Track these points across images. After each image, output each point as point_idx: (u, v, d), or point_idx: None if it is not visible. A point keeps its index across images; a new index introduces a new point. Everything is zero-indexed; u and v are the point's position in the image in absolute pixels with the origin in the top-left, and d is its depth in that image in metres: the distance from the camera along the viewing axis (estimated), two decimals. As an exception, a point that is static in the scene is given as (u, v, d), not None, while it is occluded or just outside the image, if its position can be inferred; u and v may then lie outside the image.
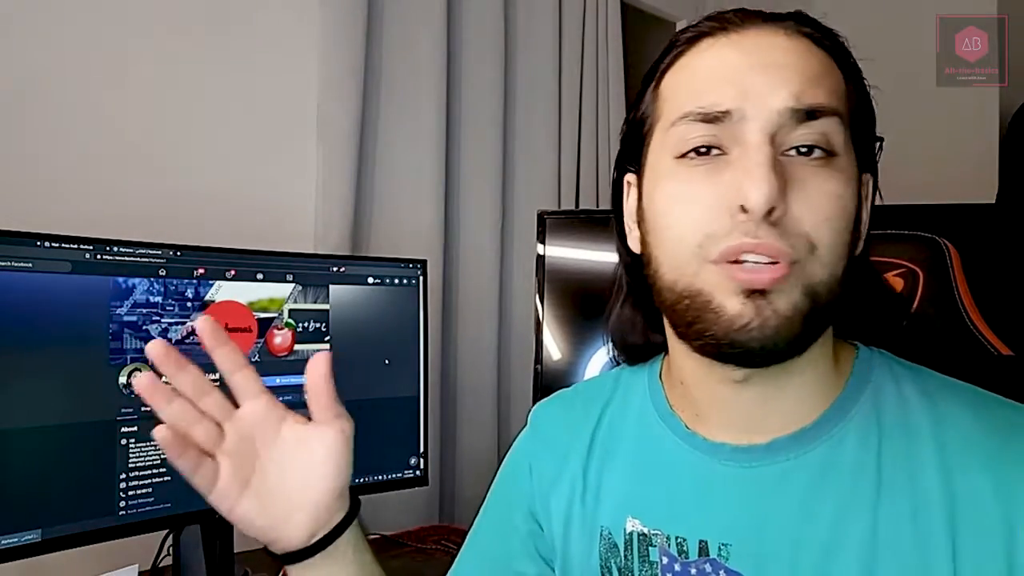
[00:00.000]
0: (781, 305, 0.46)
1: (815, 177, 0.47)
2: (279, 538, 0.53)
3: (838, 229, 0.47)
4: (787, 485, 0.51)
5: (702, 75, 0.50)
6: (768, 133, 0.47)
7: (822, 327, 0.50)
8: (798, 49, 0.49)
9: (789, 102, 0.47)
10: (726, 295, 0.47)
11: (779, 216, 0.45)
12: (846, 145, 0.49)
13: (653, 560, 0.55)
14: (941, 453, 0.48)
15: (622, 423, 0.62)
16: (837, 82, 0.50)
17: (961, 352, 1.03)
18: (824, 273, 0.47)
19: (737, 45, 0.49)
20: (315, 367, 0.53)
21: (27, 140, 1.13)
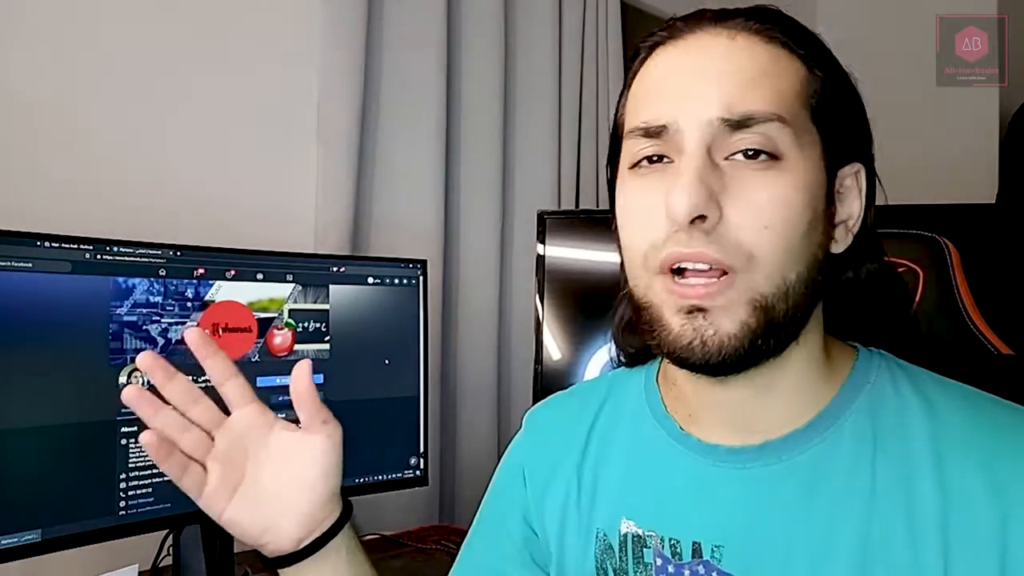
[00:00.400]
0: (724, 324, 0.46)
1: (756, 182, 0.46)
2: (269, 542, 0.53)
3: (780, 235, 0.46)
4: (780, 487, 0.50)
5: (647, 87, 0.51)
6: (703, 143, 0.47)
7: (783, 337, 0.49)
8: (740, 50, 0.48)
9: (719, 111, 0.46)
10: (671, 312, 0.48)
11: (712, 224, 0.46)
12: (796, 145, 0.47)
13: (647, 562, 0.55)
14: (936, 455, 0.48)
15: (617, 425, 0.62)
16: (786, 79, 0.48)
17: (961, 352, 1.03)
18: (769, 285, 0.46)
19: (682, 51, 0.50)
20: (299, 376, 0.54)
21: (27, 140, 1.13)
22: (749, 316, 0.46)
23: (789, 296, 0.47)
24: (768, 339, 0.47)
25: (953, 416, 0.49)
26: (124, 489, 0.92)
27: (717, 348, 0.46)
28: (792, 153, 0.47)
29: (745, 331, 0.46)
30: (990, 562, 0.44)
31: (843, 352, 0.55)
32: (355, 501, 1.42)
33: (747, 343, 0.46)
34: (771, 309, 0.46)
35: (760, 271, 0.46)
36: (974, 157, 1.95)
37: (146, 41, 1.24)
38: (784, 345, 0.49)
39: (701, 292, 0.46)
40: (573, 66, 1.86)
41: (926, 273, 1.05)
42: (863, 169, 0.53)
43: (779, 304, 0.47)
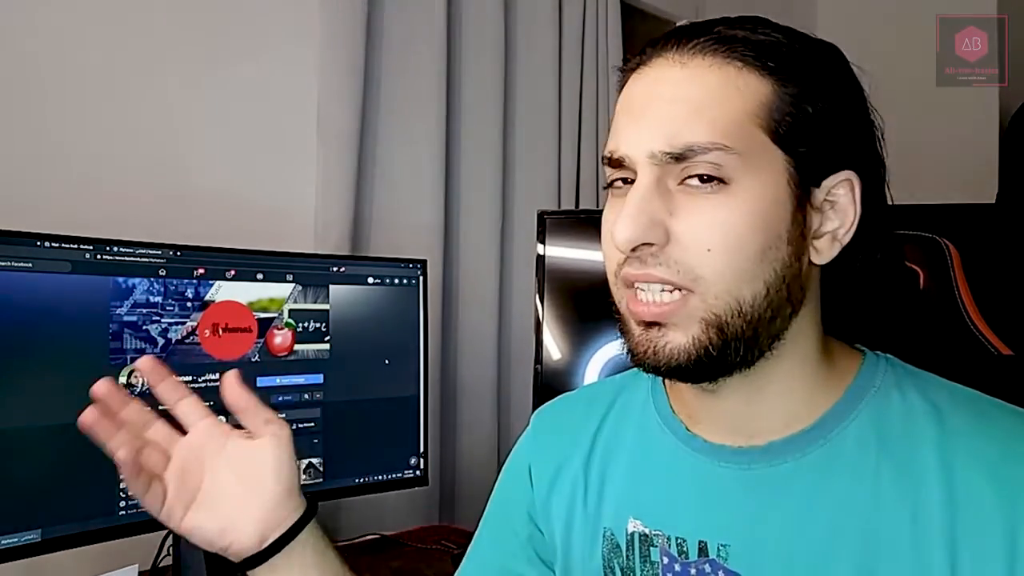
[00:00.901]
0: (676, 337, 0.49)
1: (701, 206, 0.48)
2: (231, 543, 0.55)
3: (725, 257, 0.47)
4: (785, 487, 0.51)
5: (616, 116, 0.54)
6: (651, 173, 0.49)
7: (747, 351, 0.49)
8: (689, 78, 0.49)
9: (661, 145, 0.48)
10: (633, 324, 0.52)
11: (659, 247, 0.48)
12: (745, 169, 0.47)
13: (654, 560, 0.55)
14: (944, 461, 0.48)
15: (624, 425, 0.62)
16: (737, 103, 0.48)
17: (961, 352, 1.03)
18: (720, 303, 0.48)
19: (643, 80, 0.52)
20: (227, 386, 0.57)
21: (27, 140, 1.13)
22: (701, 333, 0.49)
23: (744, 313, 0.48)
24: (724, 354, 0.49)
25: (960, 422, 0.49)
26: (124, 489, 0.92)
27: (666, 359, 0.49)
28: (740, 177, 0.48)
29: (696, 345, 0.49)
30: (998, 567, 0.44)
31: (848, 356, 0.55)
32: (355, 501, 1.42)
33: (697, 356, 0.49)
34: (725, 326, 0.48)
35: (709, 291, 0.48)
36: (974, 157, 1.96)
37: (146, 41, 1.24)
38: (749, 357, 0.50)
39: (655, 311, 0.49)
40: (573, 66, 1.86)
41: (926, 273, 1.05)
42: (856, 177, 0.51)
43: (733, 321, 0.48)
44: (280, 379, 1.06)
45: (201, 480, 0.55)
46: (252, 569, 0.56)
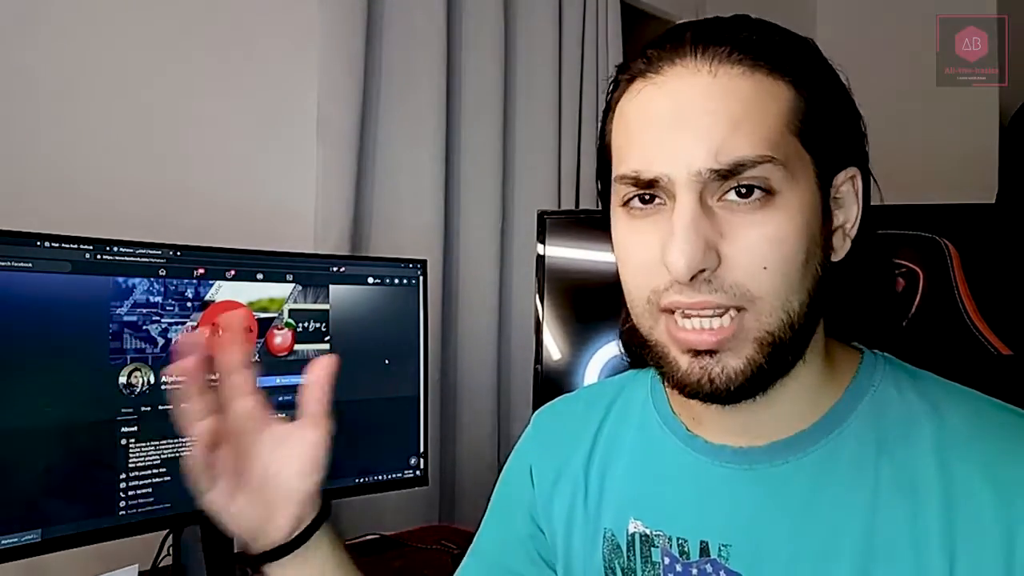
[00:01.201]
0: (731, 361, 0.47)
1: (751, 222, 0.46)
2: (263, 535, 0.54)
3: (780, 273, 0.46)
4: (786, 487, 0.51)
5: (633, 130, 0.50)
6: (694, 192, 0.46)
7: (788, 363, 0.49)
8: (722, 88, 0.47)
9: (708, 162, 0.46)
10: (676, 354, 0.49)
11: (711, 272, 0.46)
12: (788, 177, 0.47)
13: (655, 561, 0.55)
14: (941, 460, 0.48)
15: (624, 426, 0.62)
16: (773, 111, 0.47)
17: (961, 352, 1.03)
18: (772, 320, 0.47)
19: (663, 92, 0.48)
20: (320, 367, 0.55)
21: (27, 140, 1.13)
22: (756, 353, 0.47)
23: (794, 325, 0.48)
24: (774, 368, 0.48)
25: (958, 421, 0.49)
26: (124, 489, 0.92)
27: (725, 385, 0.47)
28: (784, 187, 0.47)
29: (751, 366, 0.47)
30: (996, 565, 0.44)
31: (847, 356, 0.55)
32: (355, 501, 1.42)
33: (752, 376, 0.48)
34: (777, 343, 0.47)
35: (763, 310, 0.47)
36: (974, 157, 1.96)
37: (145, 42, 1.24)
38: (790, 367, 0.50)
39: (710, 339, 0.47)
40: (573, 66, 1.86)
41: (926, 274, 1.05)
42: (858, 172, 0.52)
43: (784, 335, 0.47)
44: (280, 379, 1.06)
45: (246, 463, 0.54)
46: (271, 562, 0.54)
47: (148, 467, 0.94)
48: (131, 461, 0.93)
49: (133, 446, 0.93)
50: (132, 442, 0.93)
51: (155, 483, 0.94)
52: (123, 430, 0.92)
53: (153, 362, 0.95)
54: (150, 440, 0.94)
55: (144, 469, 0.94)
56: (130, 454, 0.93)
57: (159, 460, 0.95)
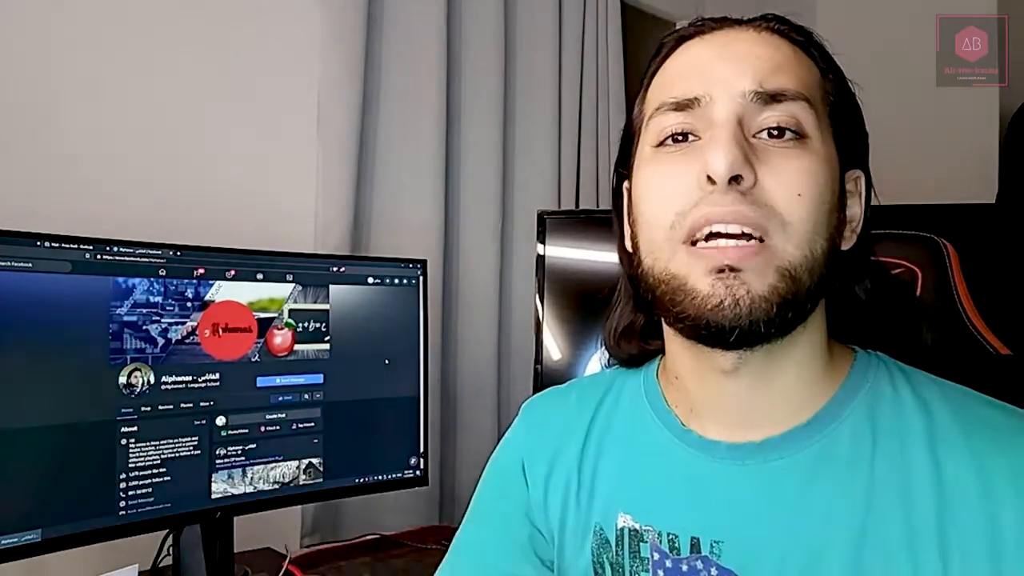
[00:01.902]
0: (755, 284, 0.46)
1: (786, 156, 0.48)
2: None
3: (811, 205, 0.48)
4: (779, 483, 0.51)
5: (675, 71, 0.53)
6: (734, 113, 0.49)
7: (803, 312, 0.49)
8: (765, 42, 0.51)
9: (753, 85, 0.49)
10: (698, 276, 0.48)
11: (748, 187, 0.47)
12: (819, 129, 0.50)
13: (644, 556, 0.55)
14: (932, 456, 0.48)
15: (616, 419, 0.62)
16: (807, 72, 0.51)
17: (960, 352, 1.03)
18: (798, 254, 0.47)
19: (708, 43, 0.53)
20: None
21: (27, 140, 1.13)
22: (779, 281, 0.47)
23: (814, 269, 0.48)
24: (791, 309, 0.48)
25: (947, 417, 0.49)
26: (124, 489, 0.92)
27: (748, 308, 0.46)
28: (815, 135, 0.49)
29: (774, 295, 0.47)
30: (983, 558, 0.45)
31: (842, 353, 0.55)
32: (355, 501, 1.43)
33: (775, 308, 0.47)
34: (798, 280, 0.47)
35: (791, 239, 0.47)
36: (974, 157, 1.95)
37: (145, 41, 1.24)
38: (800, 319, 0.50)
39: (735, 254, 0.46)
40: (573, 66, 1.86)
41: (925, 273, 1.05)
42: (863, 176, 0.55)
43: (804, 276, 0.48)
44: (280, 379, 1.06)
45: None
46: None
47: (148, 467, 0.94)
48: (131, 461, 0.93)
49: (133, 446, 0.93)
50: (132, 442, 0.93)
51: (155, 483, 0.94)
52: (123, 430, 0.92)
53: (153, 362, 0.95)
54: (150, 440, 0.94)
55: (144, 469, 0.94)
56: (130, 454, 0.93)
57: (159, 460, 0.95)
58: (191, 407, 0.98)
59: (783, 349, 0.51)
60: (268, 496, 1.05)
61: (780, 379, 0.52)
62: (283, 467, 1.06)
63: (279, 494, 1.06)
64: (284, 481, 1.06)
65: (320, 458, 1.09)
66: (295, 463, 1.07)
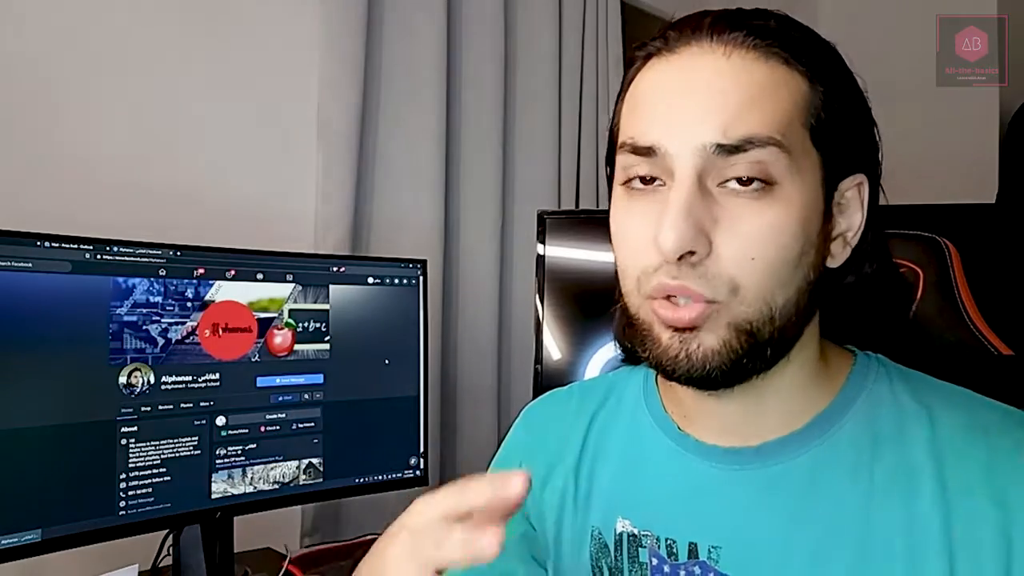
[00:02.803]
0: (708, 340, 0.47)
1: (747, 212, 0.46)
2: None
3: (767, 265, 0.46)
4: (777, 489, 0.50)
5: (637, 102, 0.50)
6: (693, 169, 0.46)
7: (772, 357, 0.49)
8: (734, 69, 0.46)
9: (714, 136, 0.45)
10: (660, 329, 0.49)
11: (700, 258, 0.45)
12: (790, 170, 0.46)
13: (643, 561, 0.55)
14: (937, 463, 0.47)
15: (615, 423, 0.62)
16: (783, 98, 0.46)
17: (961, 352, 1.03)
18: (751, 312, 0.46)
19: (674, 67, 0.48)
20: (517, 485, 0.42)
21: (27, 140, 1.13)
22: (732, 338, 0.47)
23: (776, 319, 0.47)
24: (753, 359, 0.48)
25: (952, 423, 0.49)
26: (124, 489, 0.92)
27: (701, 362, 0.47)
28: (786, 179, 0.46)
29: (728, 349, 0.47)
30: (996, 566, 0.44)
31: (840, 356, 0.55)
32: (355, 501, 1.42)
33: (730, 361, 0.47)
34: (756, 333, 0.47)
35: (743, 300, 0.46)
36: (974, 157, 1.95)
37: (145, 41, 1.24)
38: (772, 363, 0.49)
39: (686, 315, 0.47)
40: (573, 66, 1.86)
41: (926, 273, 1.04)
42: (866, 179, 0.52)
43: (764, 328, 0.47)
44: (280, 379, 1.06)
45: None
46: None
47: (148, 467, 0.94)
48: (131, 461, 0.93)
49: (133, 446, 0.93)
50: (132, 442, 0.93)
51: (155, 483, 0.94)
52: (123, 430, 0.92)
53: (153, 362, 0.95)
54: (150, 440, 0.94)
55: (144, 469, 0.94)
56: (130, 454, 0.93)
57: (159, 460, 0.95)
58: (191, 407, 0.98)
59: (767, 376, 0.50)
60: (268, 496, 1.05)
61: (769, 397, 0.51)
62: (283, 467, 1.06)
63: (279, 494, 1.06)
64: (284, 481, 1.06)
65: (320, 458, 1.09)
66: (295, 463, 1.07)
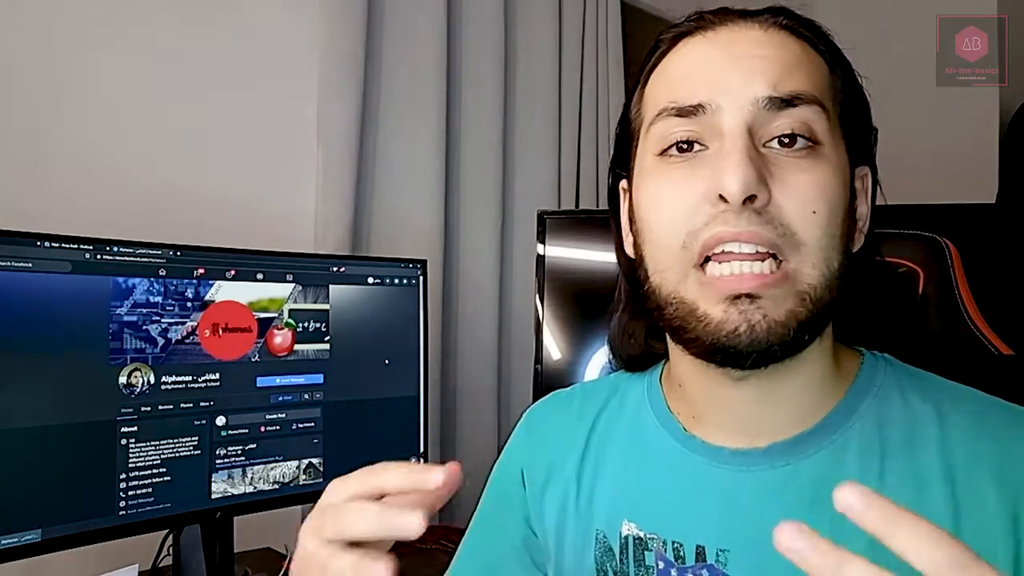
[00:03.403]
0: (772, 310, 0.45)
1: (798, 168, 0.46)
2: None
3: (826, 221, 0.46)
4: (786, 491, 0.50)
5: (678, 72, 0.50)
6: (744, 123, 0.46)
7: (818, 330, 0.48)
8: (774, 40, 0.48)
9: (765, 90, 0.46)
10: (710, 303, 0.46)
11: (761, 205, 0.45)
12: (831, 134, 0.48)
13: (649, 565, 0.54)
14: (946, 463, 0.47)
15: (617, 426, 0.61)
16: (817, 71, 0.49)
17: (961, 351, 1.03)
18: (816, 274, 0.46)
19: (712, 41, 0.49)
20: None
21: (27, 140, 1.13)
22: (798, 305, 0.46)
23: (832, 285, 0.47)
24: (809, 330, 0.47)
25: (961, 424, 0.48)
26: (124, 489, 0.92)
27: (765, 334, 0.45)
28: (827, 140, 0.47)
29: (791, 320, 0.46)
30: (1005, 566, 0.44)
31: (848, 356, 0.54)
32: (355, 501, 1.42)
33: (792, 333, 0.46)
34: (817, 300, 0.46)
35: (807, 259, 0.46)
36: (974, 157, 1.95)
37: (146, 41, 1.24)
38: (812, 340, 0.48)
39: (752, 283, 0.45)
40: (573, 66, 1.86)
41: (926, 273, 1.04)
42: (870, 173, 0.54)
43: (824, 294, 0.46)
44: (280, 379, 1.06)
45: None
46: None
47: (148, 467, 0.94)
48: (131, 461, 0.93)
49: (133, 446, 0.93)
50: (132, 442, 0.93)
51: (155, 483, 0.94)
52: (123, 430, 0.92)
53: (153, 362, 0.95)
54: (150, 440, 0.94)
55: (144, 469, 0.94)
56: (130, 454, 0.93)
57: (159, 460, 0.95)
58: (191, 407, 0.98)
59: (794, 359, 0.49)
60: (268, 496, 1.05)
61: (787, 386, 0.51)
62: (283, 467, 1.06)
63: (279, 494, 1.05)
64: (284, 481, 1.06)
65: (320, 458, 1.09)
66: (295, 463, 1.07)
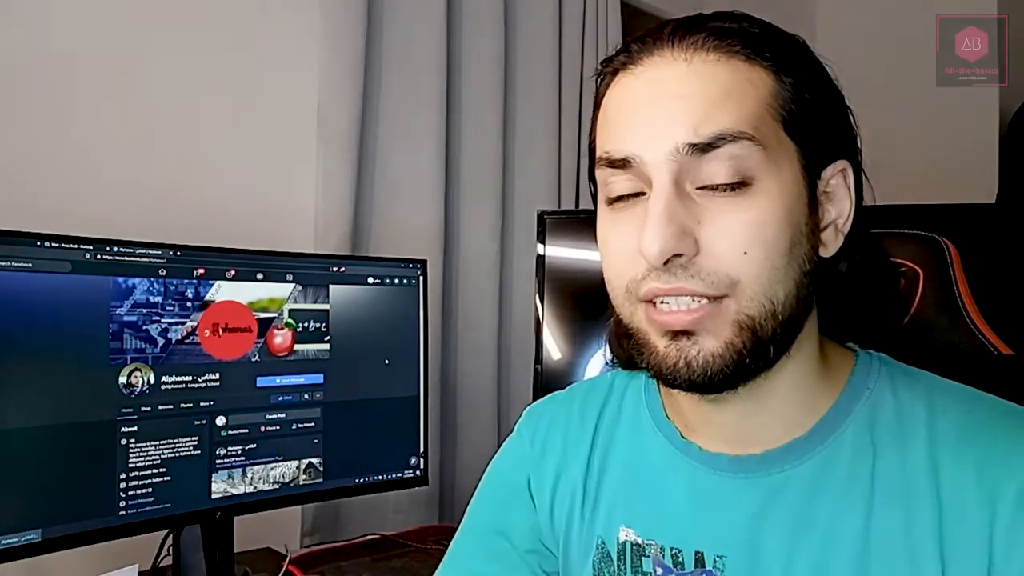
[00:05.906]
0: (708, 344, 0.46)
1: (729, 209, 0.46)
2: None
3: (761, 258, 0.46)
4: (782, 497, 0.50)
5: (612, 116, 0.50)
6: (670, 174, 0.46)
7: (774, 354, 0.48)
8: (699, 74, 0.47)
9: (686, 136, 0.45)
10: (656, 337, 0.48)
11: (688, 259, 0.45)
12: (768, 161, 0.46)
13: (646, 571, 0.54)
14: (932, 463, 0.47)
15: (617, 430, 0.61)
16: (751, 95, 0.47)
17: (961, 351, 1.03)
18: (754, 306, 0.46)
19: (640, 78, 0.49)
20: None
21: (27, 140, 1.13)
22: (735, 336, 0.46)
23: (777, 315, 0.47)
24: (756, 358, 0.47)
25: (949, 423, 0.48)
26: (124, 489, 0.92)
27: (702, 368, 0.46)
28: (764, 173, 0.46)
29: (730, 350, 0.46)
30: (981, 565, 0.44)
31: (841, 356, 0.54)
32: (355, 501, 1.43)
33: (732, 362, 0.46)
34: (759, 329, 0.46)
35: (744, 293, 0.46)
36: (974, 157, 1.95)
37: (146, 41, 1.24)
38: (774, 360, 0.49)
39: (685, 320, 0.46)
40: (573, 66, 1.86)
41: (926, 273, 1.04)
42: (849, 166, 0.52)
43: (767, 323, 0.46)
44: (280, 379, 1.06)
45: None
46: None
47: (148, 467, 0.94)
48: (131, 461, 0.93)
49: (133, 446, 0.93)
50: (132, 442, 0.93)
51: (155, 483, 0.94)
52: (123, 430, 0.92)
53: (153, 362, 0.95)
54: (150, 440, 0.94)
55: (144, 469, 0.94)
56: (130, 454, 0.93)
57: (159, 460, 0.95)
58: (191, 407, 0.98)
59: (767, 376, 0.49)
60: (268, 496, 1.05)
61: (771, 400, 0.51)
62: (283, 467, 1.06)
63: (279, 494, 1.06)
64: (284, 481, 1.06)
65: (320, 458, 1.09)
66: (295, 463, 1.07)
